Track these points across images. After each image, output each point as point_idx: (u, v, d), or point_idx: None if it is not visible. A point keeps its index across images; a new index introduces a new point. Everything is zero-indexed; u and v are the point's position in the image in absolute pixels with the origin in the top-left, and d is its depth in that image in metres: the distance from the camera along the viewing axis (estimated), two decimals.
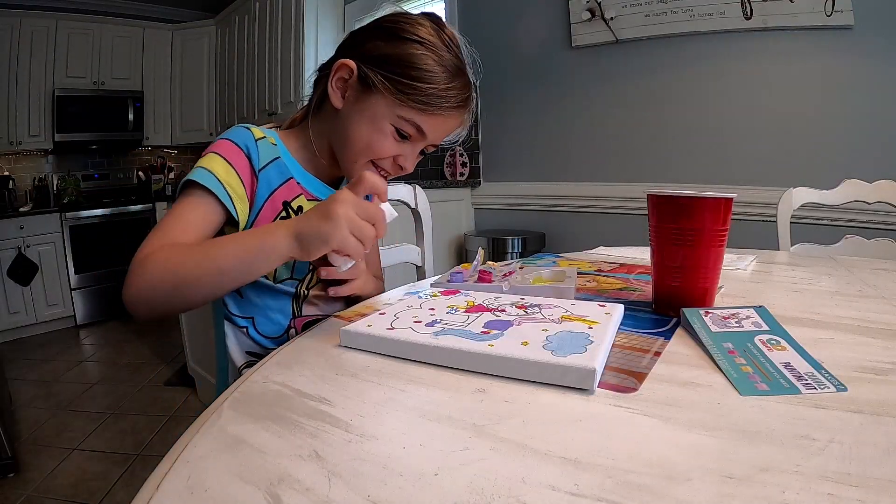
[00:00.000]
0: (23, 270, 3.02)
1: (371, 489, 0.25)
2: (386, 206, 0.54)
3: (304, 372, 0.41)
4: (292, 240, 0.50)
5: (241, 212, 0.60)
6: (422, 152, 0.67)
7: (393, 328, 0.46)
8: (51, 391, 2.24)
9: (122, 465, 1.63)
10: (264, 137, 0.65)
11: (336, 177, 0.73)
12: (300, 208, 0.65)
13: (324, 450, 0.29)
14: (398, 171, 0.67)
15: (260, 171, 0.63)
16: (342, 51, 0.66)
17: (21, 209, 3.18)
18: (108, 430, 1.87)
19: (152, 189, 3.93)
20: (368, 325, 0.47)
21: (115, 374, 2.47)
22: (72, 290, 3.25)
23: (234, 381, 0.62)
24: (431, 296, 0.58)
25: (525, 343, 0.41)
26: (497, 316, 0.49)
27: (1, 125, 3.25)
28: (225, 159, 0.60)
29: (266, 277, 0.64)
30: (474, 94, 0.66)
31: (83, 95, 3.50)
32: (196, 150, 4.33)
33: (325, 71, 0.66)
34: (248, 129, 0.64)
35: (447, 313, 0.50)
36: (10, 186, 3.26)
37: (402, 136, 0.63)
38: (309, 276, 0.69)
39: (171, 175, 4.16)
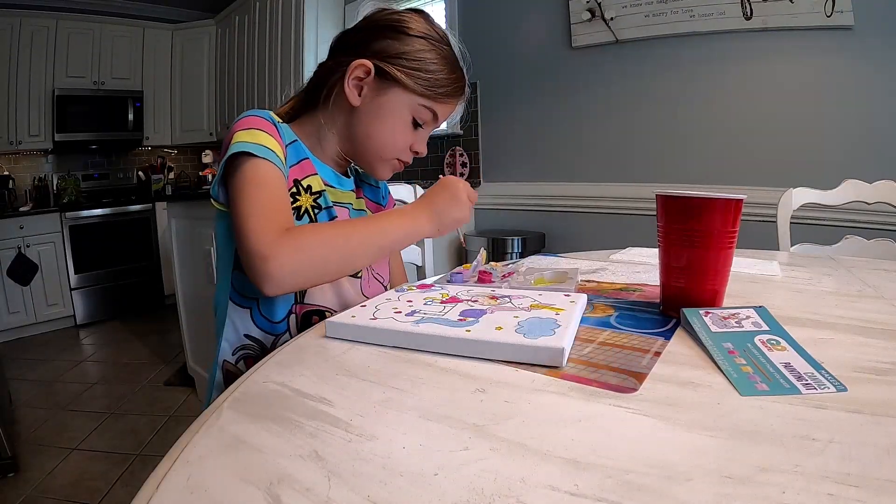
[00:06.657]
0: (23, 270, 3.02)
1: (371, 489, 0.25)
2: None
3: (303, 372, 0.41)
4: (433, 222, 0.62)
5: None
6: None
7: (375, 318, 0.49)
8: (51, 391, 2.24)
9: (122, 465, 1.63)
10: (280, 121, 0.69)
11: (341, 169, 0.75)
12: (309, 187, 0.68)
13: (324, 450, 0.29)
14: (410, 158, 0.73)
15: (287, 146, 0.66)
16: (340, 52, 0.69)
17: (21, 209, 3.18)
18: (108, 430, 1.87)
19: (152, 189, 3.93)
20: (352, 317, 0.50)
21: (115, 374, 2.47)
22: (72, 289, 3.25)
23: (224, 370, 0.66)
24: (408, 289, 0.62)
25: (499, 328, 0.45)
26: (471, 306, 0.52)
27: (1, 125, 3.25)
28: (265, 132, 0.61)
29: None
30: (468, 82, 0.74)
31: (83, 95, 3.49)
32: (196, 151, 4.32)
33: (326, 72, 0.69)
34: (266, 111, 0.67)
35: (425, 304, 0.54)
36: (10, 186, 3.27)
37: (417, 124, 0.69)
38: None
39: (171, 175, 4.16)
